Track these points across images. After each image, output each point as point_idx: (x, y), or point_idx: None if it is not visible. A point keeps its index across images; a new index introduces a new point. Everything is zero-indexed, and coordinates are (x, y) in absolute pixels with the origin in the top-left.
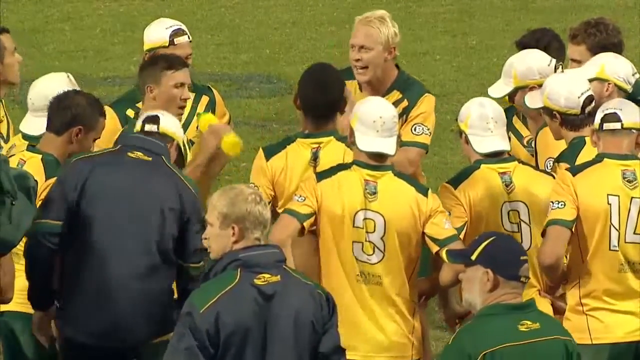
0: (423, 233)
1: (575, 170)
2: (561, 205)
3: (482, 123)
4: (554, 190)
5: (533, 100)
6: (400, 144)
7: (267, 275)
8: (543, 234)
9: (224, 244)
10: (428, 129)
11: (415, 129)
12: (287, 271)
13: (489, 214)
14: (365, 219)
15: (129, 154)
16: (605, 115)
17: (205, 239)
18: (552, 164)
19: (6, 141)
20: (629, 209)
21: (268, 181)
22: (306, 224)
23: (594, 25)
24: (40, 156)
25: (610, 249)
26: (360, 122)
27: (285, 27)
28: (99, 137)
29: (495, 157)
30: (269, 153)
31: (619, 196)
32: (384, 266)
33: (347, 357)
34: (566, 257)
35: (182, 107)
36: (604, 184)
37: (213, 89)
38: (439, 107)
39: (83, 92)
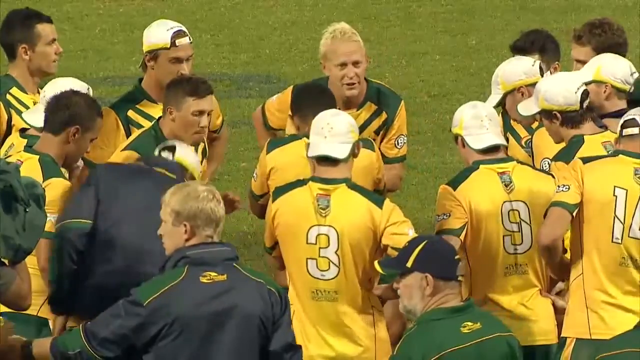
0: (383, 245)
1: (587, 160)
2: (565, 188)
3: (477, 122)
4: (562, 175)
5: (526, 109)
6: (386, 160)
7: (213, 274)
8: (545, 216)
9: (176, 241)
10: (406, 136)
11: (398, 143)
12: (236, 269)
13: (489, 214)
14: (319, 234)
15: (155, 168)
16: (625, 121)
17: (161, 235)
18: (548, 165)
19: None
20: (637, 204)
21: (263, 173)
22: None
23: (598, 26)
24: (38, 157)
25: (612, 241)
26: (312, 131)
27: (285, 27)
28: (96, 138)
29: (493, 152)
30: (272, 146)
31: (627, 190)
32: (339, 281)
33: None
34: (565, 247)
35: (198, 134)
36: (613, 175)
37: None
38: (439, 107)
39: (81, 92)
